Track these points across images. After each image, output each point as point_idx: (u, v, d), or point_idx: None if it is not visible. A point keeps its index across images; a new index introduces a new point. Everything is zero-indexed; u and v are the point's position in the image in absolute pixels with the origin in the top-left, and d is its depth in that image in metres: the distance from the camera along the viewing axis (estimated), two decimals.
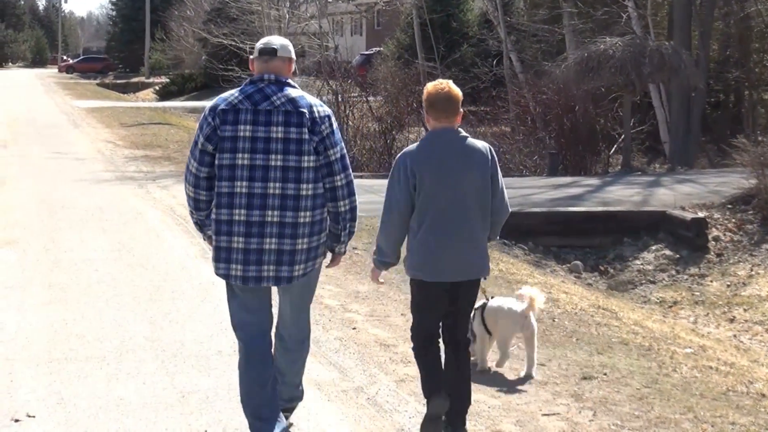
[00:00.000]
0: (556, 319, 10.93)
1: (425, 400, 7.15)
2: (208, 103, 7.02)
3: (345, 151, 6.82)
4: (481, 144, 7.08)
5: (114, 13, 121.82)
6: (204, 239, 7.09)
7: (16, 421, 7.34)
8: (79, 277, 12.16)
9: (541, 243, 17.52)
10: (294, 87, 6.77)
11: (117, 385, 8.19)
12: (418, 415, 7.59)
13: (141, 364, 8.78)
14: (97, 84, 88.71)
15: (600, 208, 19.08)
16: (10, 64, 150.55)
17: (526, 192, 21.33)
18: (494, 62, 42.67)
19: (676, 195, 20.62)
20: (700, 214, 18.25)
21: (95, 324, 10.04)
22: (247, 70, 44.05)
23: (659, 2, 39.27)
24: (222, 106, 6.63)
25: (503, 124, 37.87)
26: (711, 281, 16.42)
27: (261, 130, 6.57)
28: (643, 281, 16.78)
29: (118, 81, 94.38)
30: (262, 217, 6.57)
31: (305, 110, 6.64)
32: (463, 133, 7.05)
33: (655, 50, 27.60)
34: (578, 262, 17.18)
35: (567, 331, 10.46)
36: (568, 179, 25.32)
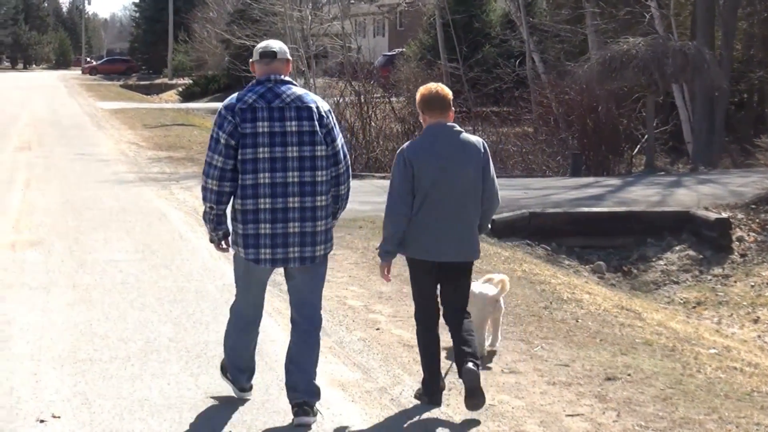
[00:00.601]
0: (579, 320, 10.91)
1: (423, 385, 7.96)
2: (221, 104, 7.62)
3: (343, 140, 7.62)
4: (474, 138, 7.86)
5: (137, 14, 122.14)
6: (213, 239, 7.71)
7: (42, 421, 7.38)
8: (104, 278, 12.21)
9: (564, 243, 17.47)
10: (296, 85, 7.51)
11: (141, 385, 8.22)
12: (442, 416, 7.62)
13: (165, 364, 8.82)
14: (121, 85, 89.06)
15: (624, 209, 19.01)
16: (34, 65, 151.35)
17: (549, 192, 21.31)
18: (517, 63, 42.64)
19: (698, 195, 20.57)
20: (724, 215, 18.18)
21: (119, 325, 10.08)
22: None
23: (682, 2, 39.16)
24: (240, 105, 7.29)
25: (526, 125, 37.82)
26: (735, 282, 16.36)
27: (277, 125, 7.26)
28: (667, 282, 16.72)
29: (142, 82, 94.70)
30: (284, 203, 7.27)
31: (312, 105, 7.39)
32: (458, 128, 7.77)
33: (678, 50, 27.51)
34: (601, 263, 17.12)
35: (590, 331, 10.45)
36: (590, 179, 25.26)
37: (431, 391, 7.91)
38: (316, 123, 7.32)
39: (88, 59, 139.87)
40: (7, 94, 63.02)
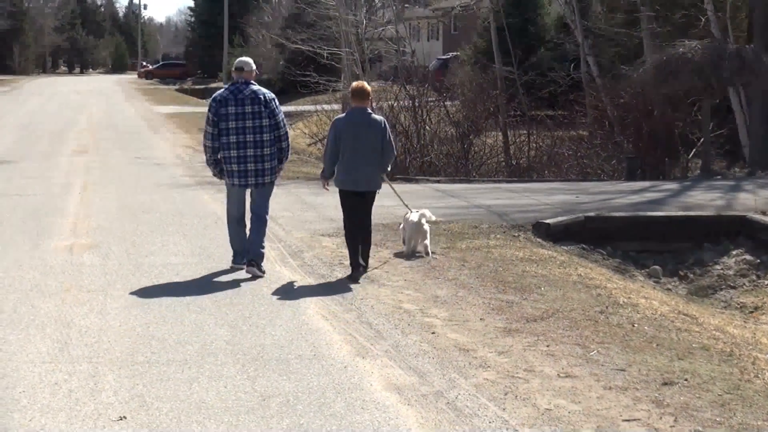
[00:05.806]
0: (635, 325, 10.85)
1: (350, 267, 12.64)
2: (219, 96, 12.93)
3: (283, 115, 12.96)
4: (379, 117, 12.85)
5: (192, 18, 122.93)
6: (213, 174, 13.26)
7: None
8: (160, 281, 12.31)
9: (619, 248, 17.34)
10: (255, 85, 12.78)
11: (198, 388, 8.28)
12: (498, 420, 7.61)
13: (222, 367, 8.87)
14: (176, 90, 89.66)
15: (679, 213, 18.85)
16: (91, 70, 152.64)
17: (605, 197, 21.21)
18: (571, 66, 42.46)
19: (762, 200, 20.39)
20: None
21: (176, 328, 10.15)
22: (324, 75, 44.46)
23: (738, 5, 38.79)
24: (218, 98, 12.71)
25: (580, 128, 37.66)
26: None
27: (239, 108, 12.60)
28: (723, 286, 16.57)
29: (197, 86, 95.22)
30: (244, 153, 12.63)
31: (261, 96, 12.65)
32: (369, 111, 12.74)
33: (734, 53, 27.33)
34: (657, 267, 17.00)
35: (647, 336, 10.39)
36: (646, 183, 25.12)
37: (354, 268, 12.53)
38: (263, 106, 12.60)
39: (144, 63, 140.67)
40: (65, 98, 63.64)
